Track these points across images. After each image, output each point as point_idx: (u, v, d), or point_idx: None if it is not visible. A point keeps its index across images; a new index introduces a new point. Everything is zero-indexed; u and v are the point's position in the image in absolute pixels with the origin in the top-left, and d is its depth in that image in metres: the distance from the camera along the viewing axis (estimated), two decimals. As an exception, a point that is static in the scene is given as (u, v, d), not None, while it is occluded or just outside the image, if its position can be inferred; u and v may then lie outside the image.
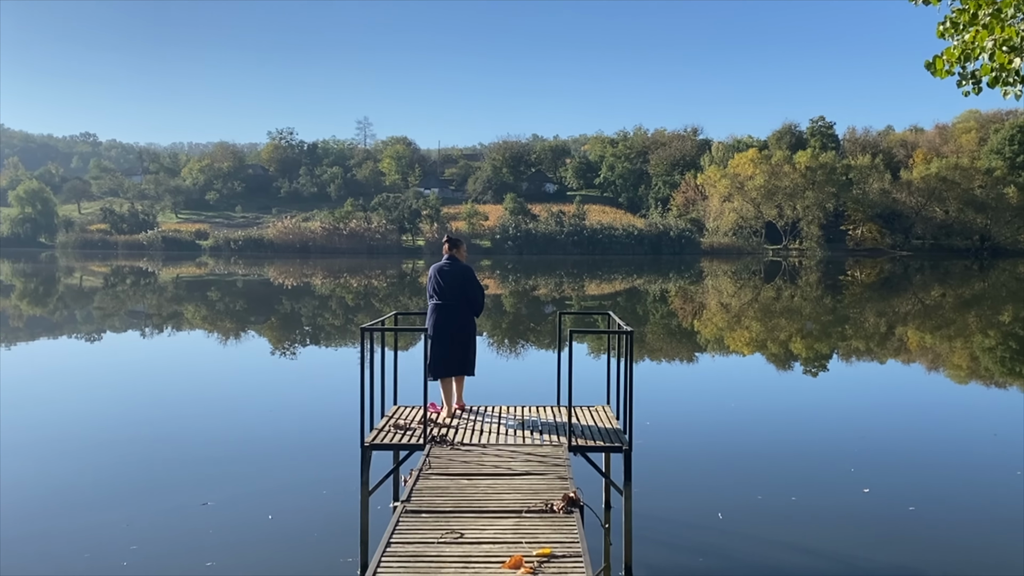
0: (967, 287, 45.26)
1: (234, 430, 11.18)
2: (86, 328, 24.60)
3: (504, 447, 6.93)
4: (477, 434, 7.44)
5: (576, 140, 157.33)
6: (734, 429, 11.47)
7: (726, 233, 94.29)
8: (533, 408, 8.53)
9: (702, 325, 26.02)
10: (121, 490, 8.58)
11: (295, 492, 8.46)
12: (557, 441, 7.14)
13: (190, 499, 8.14)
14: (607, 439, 7.12)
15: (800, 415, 12.63)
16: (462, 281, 8.02)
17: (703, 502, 8.15)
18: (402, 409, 8.35)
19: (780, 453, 10.21)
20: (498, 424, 7.84)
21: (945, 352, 20.07)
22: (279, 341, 21.85)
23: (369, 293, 39.50)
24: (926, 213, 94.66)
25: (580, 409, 8.19)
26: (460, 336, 8.04)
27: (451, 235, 8.81)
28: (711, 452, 10.19)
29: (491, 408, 8.57)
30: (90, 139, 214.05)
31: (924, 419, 12.47)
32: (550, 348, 19.89)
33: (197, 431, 11.14)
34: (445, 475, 6.08)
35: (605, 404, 8.53)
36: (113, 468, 9.40)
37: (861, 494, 8.35)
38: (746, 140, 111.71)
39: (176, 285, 45.39)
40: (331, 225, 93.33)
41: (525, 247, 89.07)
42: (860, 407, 13.20)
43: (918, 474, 9.26)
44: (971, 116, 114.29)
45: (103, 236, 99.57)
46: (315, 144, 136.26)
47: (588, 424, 7.69)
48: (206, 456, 9.84)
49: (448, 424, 7.72)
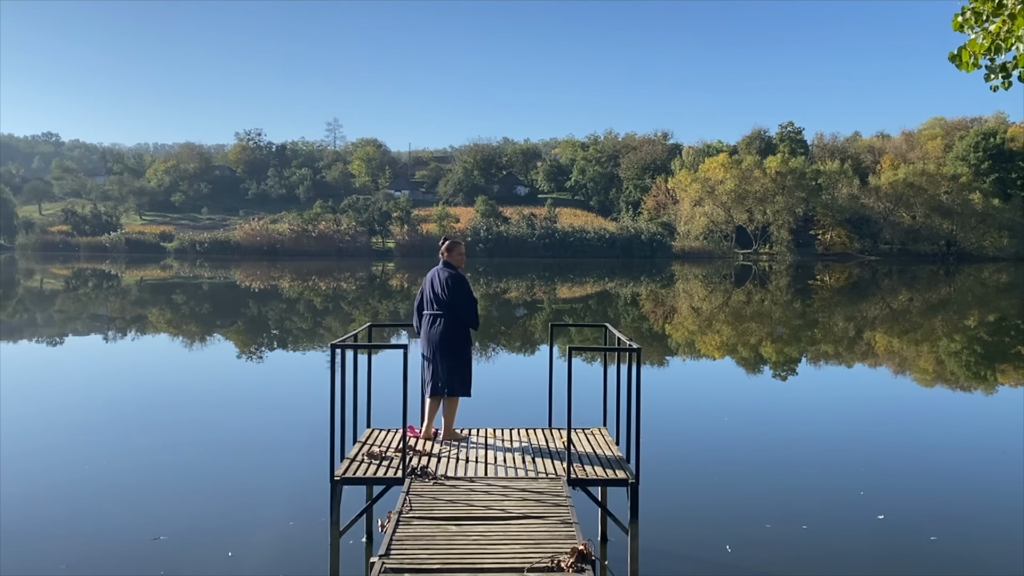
0: (934, 292, 45.62)
1: (192, 451, 10.13)
2: (44, 332, 23.60)
3: (495, 482, 6.18)
4: (463, 464, 6.67)
5: (547, 143, 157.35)
6: (731, 447, 10.81)
7: (697, 237, 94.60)
8: (522, 431, 7.79)
9: (674, 329, 25.68)
10: (58, 521, 7.59)
11: (259, 525, 7.55)
12: (554, 472, 6.40)
13: (140, 533, 7.25)
14: (608, 467, 6.42)
15: (796, 429, 12.04)
16: (449, 289, 7.39)
17: (709, 534, 7.44)
18: (377, 433, 7.60)
19: (783, 474, 9.58)
20: (485, 452, 7.06)
21: (932, 360, 19.85)
22: (244, 347, 21.07)
23: (338, 296, 38.72)
24: (894, 218, 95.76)
25: (575, 432, 7.49)
26: (443, 350, 7.37)
27: (446, 236, 8.16)
28: (709, 474, 9.49)
29: (475, 432, 7.79)
30: (52, 139, 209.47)
31: (925, 432, 11.98)
32: (525, 354, 19.37)
33: (151, 453, 10.05)
34: (429, 519, 5.31)
35: (602, 426, 7.82)
36: (52, 494, 8.38)
37: (876, 522, 7.73)
38: (716, 145, 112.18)
39: (140, 288, 44.21)
40: (300, 227, 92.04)
41: (496, 250, 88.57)
42: (856, 419, 12.68)
43: (934, 497, 8.64)
44: (936, 123, 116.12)
45: (64, 238, 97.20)
46: (284, 145, 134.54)
47: (585, 451, 6.96)
48: (159, 483, 8.82)
49: (429, 452, 6.97)
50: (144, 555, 6.81)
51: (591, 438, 7.43)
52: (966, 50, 5.49)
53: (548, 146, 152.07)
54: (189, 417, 12.07)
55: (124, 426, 11.54)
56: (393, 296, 39.38)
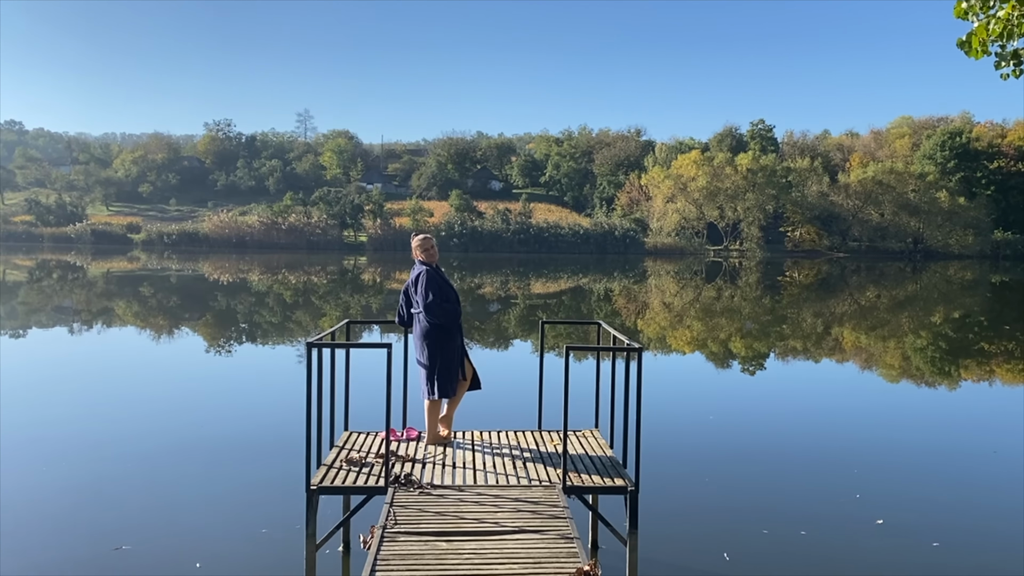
0: (901, 288, 46.09)
1: (158, 454, 9.58)
2: (6, 325, 22.86)
3: (486, 490, 5.77)
4: (450, 470, 6.27)
5: (521, 138, 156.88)
6: (719, 448, 10.52)
7: (669, 233, 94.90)
8: (511, 434, 7.45)
9: (646, 324, 25.55)
10: (10, 530, 7.03)
11: (229, 533, 7.09)
12: (548, 480, 6.05)
13: (101, 543, 6.76)
14: (605, 473, 6.11)
15: (782, 428, 11.79)
16: (414, 285, 7.30)
17: (705, 541, 7.16)
18: (355, 436, 7.22)
19: (774, 476, 9.32)
20: (473, 456, 6.70)
21: (901, 356, 19.88)
22: (213, 341, 20.54)
23: (309, 290, 38.12)
24: (862, 216, 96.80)
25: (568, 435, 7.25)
26: (418, 350, 7.27)
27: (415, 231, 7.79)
28: (700, 477, 9.17)
29: (461, 434, 7.43)
30: (16, 127, 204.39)
31: (915, 432, 11.81)
32: (506, 349, 19.09)
33: (113, 455, 9.46)
34: (416, 535, 4.90)
35: (594, 428, 7.54)
36: (2, 500, 7.81)
37: (875, 526, 7.50)
38: (688, 142, 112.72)
39: (107, 280, 43.23)
40: (269, 219, 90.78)
41: (471, 244, 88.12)
42: (843, 419, 12.52)
43: (933, 501, 8.42)
44: (904, 122, 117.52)
45: (28, 228, 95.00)
46: (254, 136, 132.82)
47: (579, 453, 6.66)
48: (122, 488, 8.27)
49: (412, 458, 6.58)
50: (105, 566, 6.35)
51: (583, 440, 7.12)
52: (975, 36, 5.27)
53: (522, 141, 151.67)
54: (154, 416, 11.57)
55: (85, 427, 10.96)
56: (365, 291, 38.87)
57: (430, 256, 7.28)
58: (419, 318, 7.16)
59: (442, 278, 7.23)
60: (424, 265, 7.22)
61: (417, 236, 7.40)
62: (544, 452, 6.84)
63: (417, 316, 7.18)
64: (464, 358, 7.35)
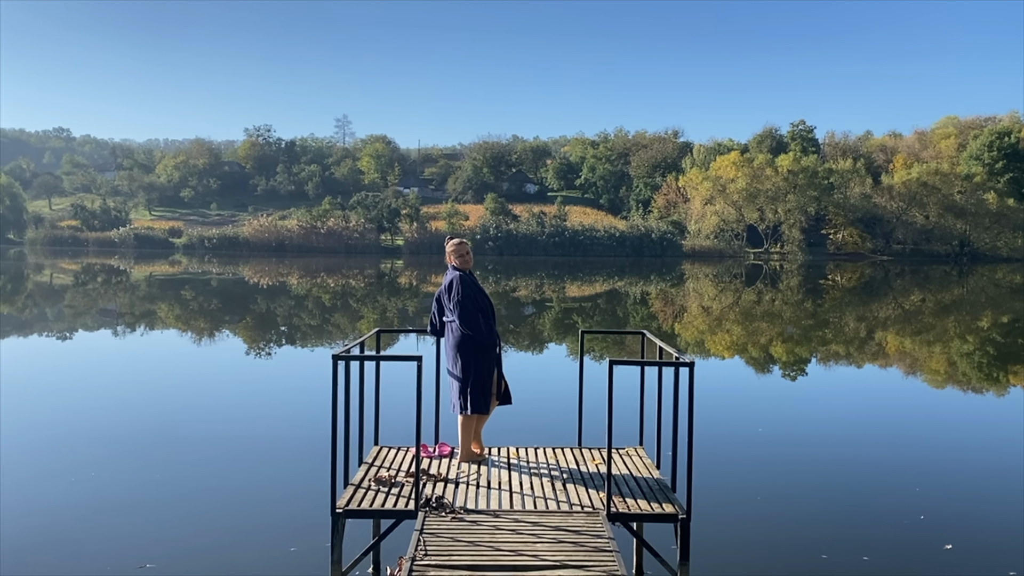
0: (947, 292, 44.98)
1: (186, 465, 9.26)
2: (53, 328, 23.28)
3: (524, 516, 5.34)
4: (484, 492, 5.85)
5: (556, 141, 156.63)
6: (770, 462, 9.92)
7: (708, 236, 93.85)
8: (549, 451, 6.99)
9: (684, 328, 25.18)
10: (32, 546, 6.82)
11: (256, 552, 6.75)
12: (591, 505, 5.58)
13: (124, 561, 6.51)
14: (652, 498, 5.66)
15: (838, 441, 11.11)
16: (446, 292, 6.95)
17: (759, 568, 6.64)
18: (385, 452, 6.89)
19: (831, 494, 8.70)
20: (508, 475, 6.27)
21: (969, 364, 19.27)
22: (252, 344, 20.65)
23: (347, 293, 38.35)
24: (907, 218, 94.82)
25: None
26: (448, 361, 6.97)
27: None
28: (751, 495, 8.54)
29: (497, 451, 7.01)
30: (63, 134, 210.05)
31: (982, 444, 11.09)
32: (535, 355, 18.92)
33: (139, 467, 9.26)
34: (448, 568, 4.52)
35: (638, 445, 7.12)
36: (26, 513, 7.61)
37: (943, 552, 6.96)
38: (727, 143, 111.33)
39: (149, 283, 43.95)
40: (308, 224, 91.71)
41: (506, 248, 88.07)
42: (900, 431, 11.91)
43: (1004, 523, 7.82)
44: (950, 122, 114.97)
45: (74, 233, 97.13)
46: (293, 142, 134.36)
47: (623, 474, 6.21)
48: (148, 502, 7.99)
49: (445, 477, 6.23)
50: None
51: (627, 460, 6.70)
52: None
53: (558, 144, 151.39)
54: (186, 424, 11.46)
55: (114, 435, 10.79)
56: (402, 294, 38.98)
57: (464, 262, 6.93)
58: (452, 327, 6.79)
59: (476, 285, 6.88)
60: (457, 271, 6.88)
61: (451, 240, 7.04)
62: (585, 472, 6.43)
63: (450, 325, 6.82)
64: (498, 370, 6.95)
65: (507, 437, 7.78)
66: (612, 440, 5.47)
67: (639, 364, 6.19)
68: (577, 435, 7.38)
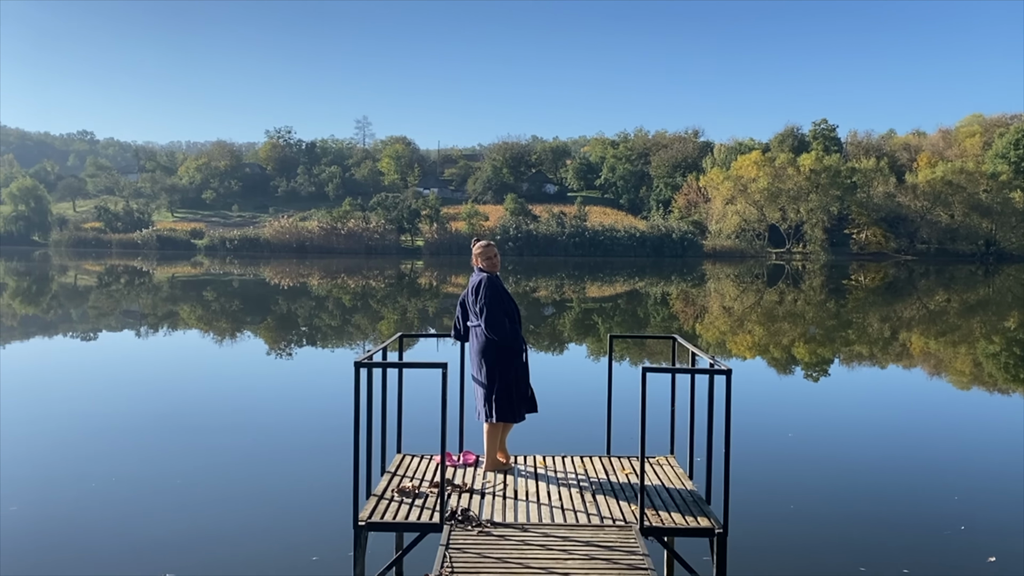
0: (972, 292, 44.32)
1: (207, 470, 9.21)
2: (78, 328, 23.45)
3: (553, 530, 5.11)
4: (511, 503, 5.66)
5: (576, 141, 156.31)
6: (801, 467, 9.57)
7: (729, 236, 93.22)
8: (577, 460, 6.79)
9: (705, 329, 24.93)
10: (52, 552, 6.75)
11: (279, 561, 6.65)
12: (623, 518, 5.36)
13: (144, 567, 6.39)
14: (686, 511, 5.43)
15: (869, 441, 10.82)
16: (473, 295, 6.69)
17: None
18: (409, 460, 6.71)
19: (867, 499, 8.36)
20: (536, 485, 6.08)
21: (979, 365, 18.90)
22: (274, 344, 20.67)
23: (367, 294, 38.40)
24: (931, 217, 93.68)
25: (639, 460, 6.60)
26: (473, 367, 6.73)
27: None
28: (783, 502, 8.17)
29: (523, 459, 6.80)
30: (87, 137, 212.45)
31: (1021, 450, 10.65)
32: (557, 358, 18.78)
33: (159, 472, 9.05)
34: None
35: (669, 454, 6.87)
36: (45, 517, 7.54)
37: (987, 565, 6.65)
38: (748, 143, 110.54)
39: (172, 285, 44.26)
40: (329, 225, 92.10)
41: (526, 248, 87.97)
42: (937, 432, 11.61)
43: None
44: (975, 120, 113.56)
45: (97, 235, 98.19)
46: (313, 143, 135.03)
47: (655, 484, 5.98)
48: (168, 508, 7.81)
49: (471, 488, 6.02)
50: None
51: (659, 470, 6.47)
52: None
53: (577, 144, 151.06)
54: (207, 429, 11.33)
55: (133, 440, 10.66)
56: (422, 295, 38.98)
57: (491, 265, 6.68)
58: (476, 332, 6.57)
59: (503, 289, 6.64)
60: (484, 273, 6.63)
61: (479, 242, 6.82)
62: (616, 483, 6.21)
63: (474, 330, 6.60)
64: (524, 378, 6.69)
65: (533, 445, 7.57)
66: (644, 448, 5.21)
67: (673, 372, 5.99)
68: (606, 443, 7.17)
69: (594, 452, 7.16)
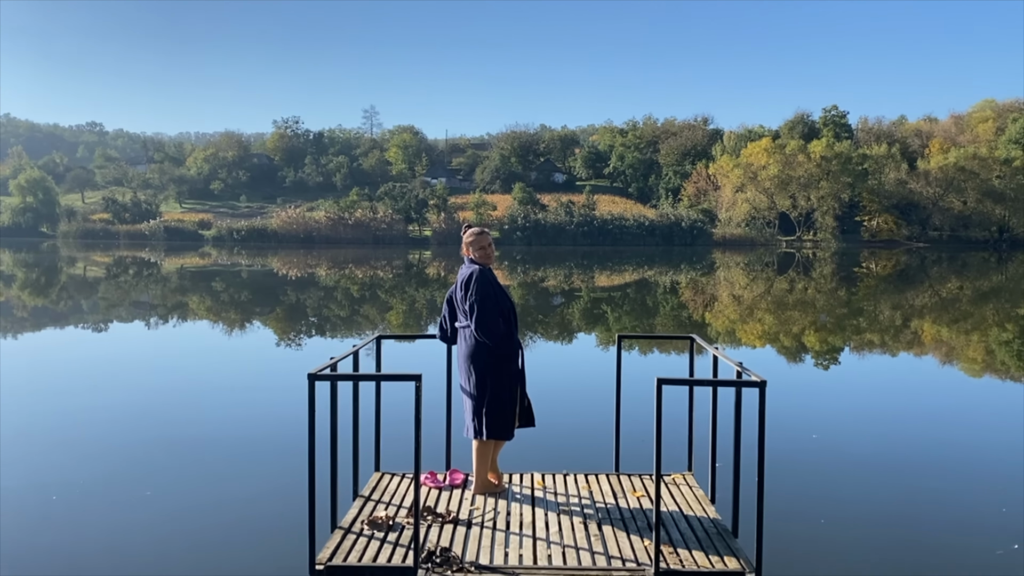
0: (986, 279, 43.79)
1: (176, 485, 7.93)
2: (83, 321, 23.29)
3: (550, 575, 4.31)
4: (502, 537, 4.84)
5: (585, 130, 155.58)
6: (832, 475, 8.36)
7: (739, 224, 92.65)
8: (580, 478, 6.00)
9: (714, 317, 24.58)
10: None
11: None
12: (634, 560, 4.52)
13: None
14: (710, 547, 4.66)
15: (902, 449, 9.72)
16: (463, 291, 5.83)
17: None
18: (387, 481, 5.88)
19: (905, 515, 7.27)
20: (532, 512, 5.25)
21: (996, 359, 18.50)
22: (284, 334, 20.45)
23: (375, 284, 38.19)
24: (943, 204, 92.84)
25: (651, 480, 5.75)
26: (461, 374, 5.89)
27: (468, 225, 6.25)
28: (811, 516, 7.06)
29: (519, 478, 6.01)
30: (96, 128, 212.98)
31: None
32: (560, 357, 18.49)
33: (116, 486, 7.84)
34: None
35: (686, 471, 6.15)
36: None
37: None
38: (757, 130, 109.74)
39: (180, 276, 44.16)
40: (336, 215, 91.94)
41: (534, 237, 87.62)
42: (973, 433, 10.74)
43: None
44: (987, 105, 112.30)
45: (105, 226, 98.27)
46: (321, 133, 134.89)
47: (671, 510, 5.24)
48: (107, 543, 6.45)
49: (455, 517, 5.21)
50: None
51: (675, 491, 5.74)
52: None
53: (586, 132, 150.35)
54: (181, 439, 9.86)
55: (99, 448, 9.50)
56: (430, 284, 38.73)
57: (485, 256, 5.84)
58: (465, 334, 5.74)
59: (497, 284, 5.82)
60: (476, 265, 5.80)
61: (470, 230, 5.98)
62: (626, 508, 5.37)
63: (463, 331, 5.77)
64: (520, 387, 5.85)
65: (531, 461, 6.76)
66: (660, 474, 4.42)
67: (693, 384, 5.11)
68: (614, 458, 6.38)
69: (600, 469, 6.40)
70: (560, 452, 8.46)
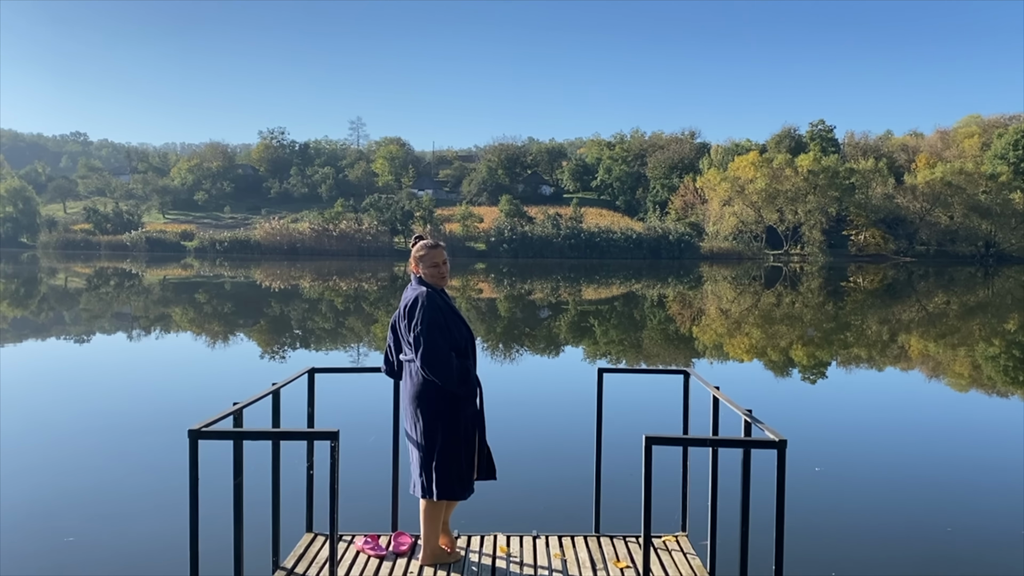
0: (972, 294, 43.59)
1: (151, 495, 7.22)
2: (70, 331, 22.46)
3: None
4: None
5: (572, 143, 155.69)
6: (843, 519, 7.22)
7: (726, 237, 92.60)
8: (552, 541, 5.07)
9: (702, 332, 24.06)
10: None
11: None
12: None
13: None
14: None
15: (914, 473, 8.92)
16: (405, 319, 4.72)
17: None
18: (318, 545, 4.89)
19: (932, 550, 6.48)
20: None
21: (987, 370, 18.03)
22: (267, 347, 19.74)
23: (360, 296, 37.49)
24: (930, 219, 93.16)
25: (638, 544, 4.95)
26: (406, 421, 4.81)
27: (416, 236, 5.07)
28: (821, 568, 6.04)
29: (479, 542, 5.03)
30: (81, 138, 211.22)
31: None
32: (534, 386, 17.84)
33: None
34: None
35: (679, 532, 5.28)
36: None
37: None
38: (744, 144, 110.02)
39: (163, 287, 43.27)
40: (320, 226, 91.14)
41: (521, 250, 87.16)
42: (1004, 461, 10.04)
43: None
44: (972, 120, 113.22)
45: (86, 236, 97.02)
46: (307, 144, 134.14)
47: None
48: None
49: None
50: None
51: (666, 557, 4.83)
52: None
53: (574, 145, 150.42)
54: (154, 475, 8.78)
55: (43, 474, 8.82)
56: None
57: (437, 275, 4.75)
58: (411, 370, 4.66)
59: (451, 308, 4.73)
60: (425, 286, 4.72)
61: (420, 242, 4.85)
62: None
63: (409, 367, 4.69)
64: (479, 434, 4.77)
65: (493, 522, 5.81)
66: (650, 538, 3.63)
67: (686, 444, 4.30)
68: (594, 517, 5.42)
69: (578, 530, 5.43)
70: (528, 509, 7.18)
